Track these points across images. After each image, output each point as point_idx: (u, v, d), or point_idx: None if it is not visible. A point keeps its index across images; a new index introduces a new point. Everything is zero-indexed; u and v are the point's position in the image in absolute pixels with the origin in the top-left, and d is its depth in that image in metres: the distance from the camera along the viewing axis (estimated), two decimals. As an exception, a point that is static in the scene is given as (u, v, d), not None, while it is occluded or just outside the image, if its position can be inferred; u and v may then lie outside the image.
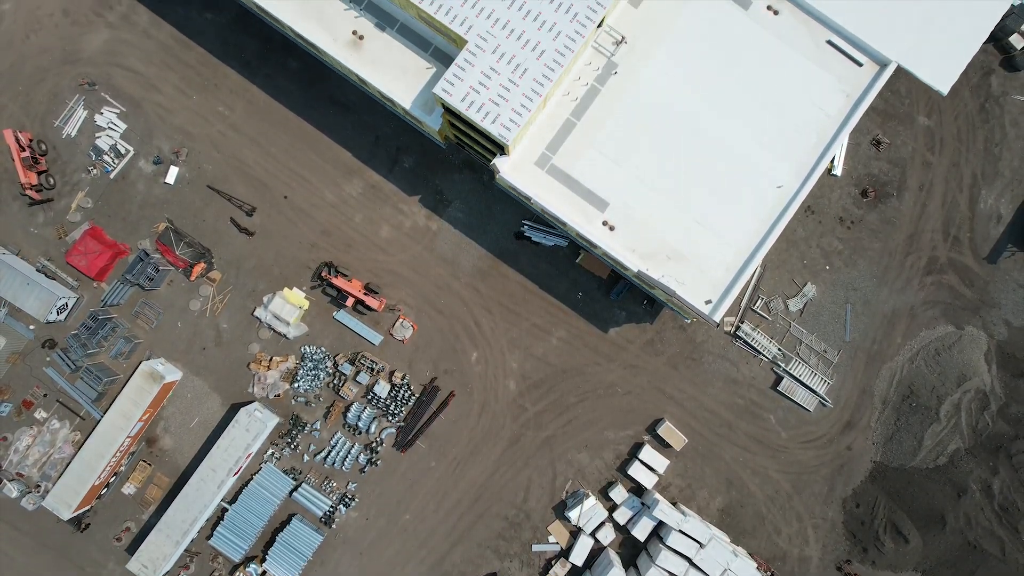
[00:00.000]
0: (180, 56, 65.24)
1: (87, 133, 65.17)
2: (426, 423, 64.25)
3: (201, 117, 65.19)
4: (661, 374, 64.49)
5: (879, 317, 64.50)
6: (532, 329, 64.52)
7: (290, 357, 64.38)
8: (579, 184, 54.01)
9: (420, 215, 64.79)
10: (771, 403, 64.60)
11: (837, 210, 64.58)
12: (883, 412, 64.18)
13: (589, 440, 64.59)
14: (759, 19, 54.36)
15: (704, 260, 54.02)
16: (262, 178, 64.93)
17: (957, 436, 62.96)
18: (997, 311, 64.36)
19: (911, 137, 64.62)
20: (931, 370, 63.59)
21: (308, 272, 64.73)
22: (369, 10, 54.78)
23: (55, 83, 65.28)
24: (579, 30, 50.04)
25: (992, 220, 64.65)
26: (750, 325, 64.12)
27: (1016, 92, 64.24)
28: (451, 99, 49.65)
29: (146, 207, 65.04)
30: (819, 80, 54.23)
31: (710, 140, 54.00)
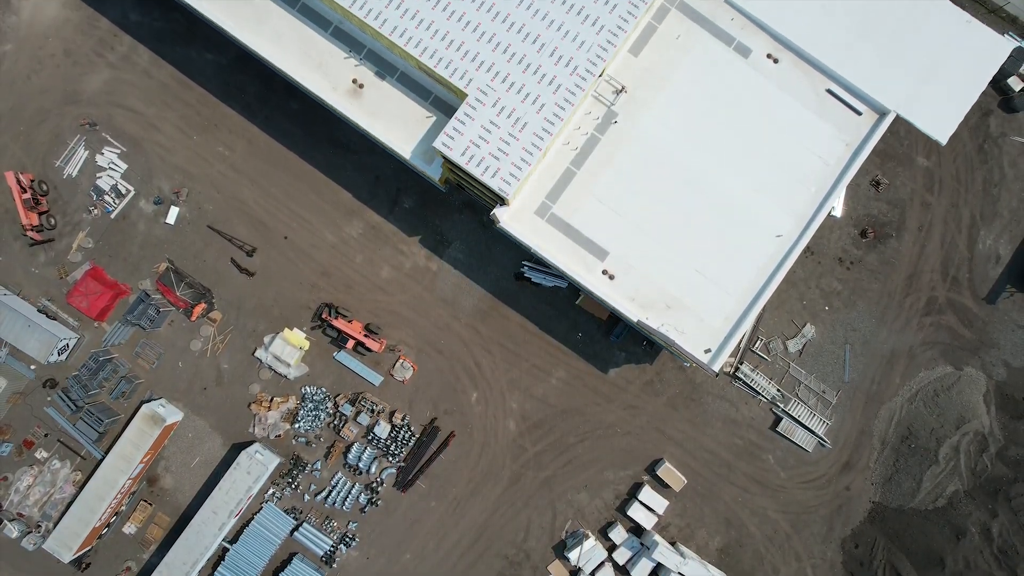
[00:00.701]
0: (181, 96, 65.36)
1: (88, 173, 65.31)
2: (426, 463, 64.40)
3: (201, 157, 65.34)
4: (660, 415, 64.66)
5: (878, 358, 64.66)
6: (532, 370, 64.68)
7: (291, 398, 64.54)
8: (579, 233, 54.16)
9: (420, 256, 64.94)
10: (770, 443, 64.76)
11: (836, 251, 64.72)
12: (882, 453, 64.35)
13: (589, 480, 64.75)
14: (759, 67, 54.49)
15: (703, 309, 54.17)
16: (262, 218, 65.08)
17: (956, 478, 63.13)
18: (996, 352, 64.51)
19: (910, 178, 64.76)
20: (930, 411, 63.75)
21: (308, 312, 64.89)
22: (369, 59, 54.91)
23: (56, 123, 65.39)
24: (579, 83, 50.19)
25: (991, 261, 64.80)
26: (749, 366, 64.28)
27: (1014, 133, 64.37)
28: (451, 153, 49.79)
29: (147, 247, 65.19)
30: (818, 129, 54.37)
31: (710, 189, 54.15)
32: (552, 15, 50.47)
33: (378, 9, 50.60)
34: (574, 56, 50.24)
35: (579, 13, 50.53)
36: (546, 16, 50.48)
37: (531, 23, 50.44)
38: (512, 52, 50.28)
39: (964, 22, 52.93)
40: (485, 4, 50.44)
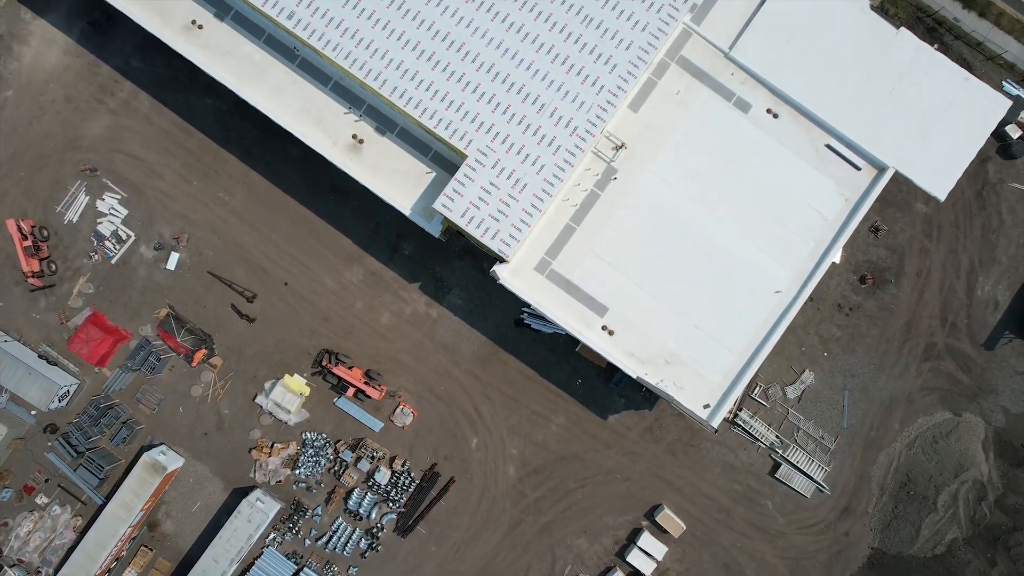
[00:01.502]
0: (181, 142, 65.49)
1: (89, 219, 65.47)
2: (426, 509, 64.57)
3: (202, 203, 65.48)
4: (660, 461, 64.82)
5: (877, 404, 64.81)
6: (532, 416, 64.85)
7: (291, 444, 64.71)
8: (579, 289, 54.34)
9: (420, 302, 65.10)
10: (769, 489, 64.92)
11: (836, 297, 64.87)
12: (880, 499, 64.53)
13: (588, 526, 64.92)
14: (759, 123, 54.65)
15: (703, 364, 54.36)
16: (263, 264, 65.23)
17: (955, 526, 63.30)
18: (995, 398, 64.67)
19: (909, 224, 64.90)
20: (928, 458, 63.92)
21: (309, 358, 65.05)
22: (369, 114, 55.08)
23: (57, 169, 65.54)
24: (579, 144, 50.39)
25: (989, 307, 64.94)
26: (748, 412, 64.43)
27: (1012, 180, 64.49)
28: (451, 214, 50.02)
29: (147, 293, 65.35)
30: (818, 184, 54.56)
31: (709, 244, 54.33)
32: (552, 76, 50.67)
33: (378, 69, 50.80)
34: (574, 117, 50.42)
35: (579, 74, 50.74)
36: (546, 77, 50.68)
37: (531, 84, 50.64)
38: (512, 113, 50.50)
39: (963, 79, 53.10)
40: (484, 65, 50.62)
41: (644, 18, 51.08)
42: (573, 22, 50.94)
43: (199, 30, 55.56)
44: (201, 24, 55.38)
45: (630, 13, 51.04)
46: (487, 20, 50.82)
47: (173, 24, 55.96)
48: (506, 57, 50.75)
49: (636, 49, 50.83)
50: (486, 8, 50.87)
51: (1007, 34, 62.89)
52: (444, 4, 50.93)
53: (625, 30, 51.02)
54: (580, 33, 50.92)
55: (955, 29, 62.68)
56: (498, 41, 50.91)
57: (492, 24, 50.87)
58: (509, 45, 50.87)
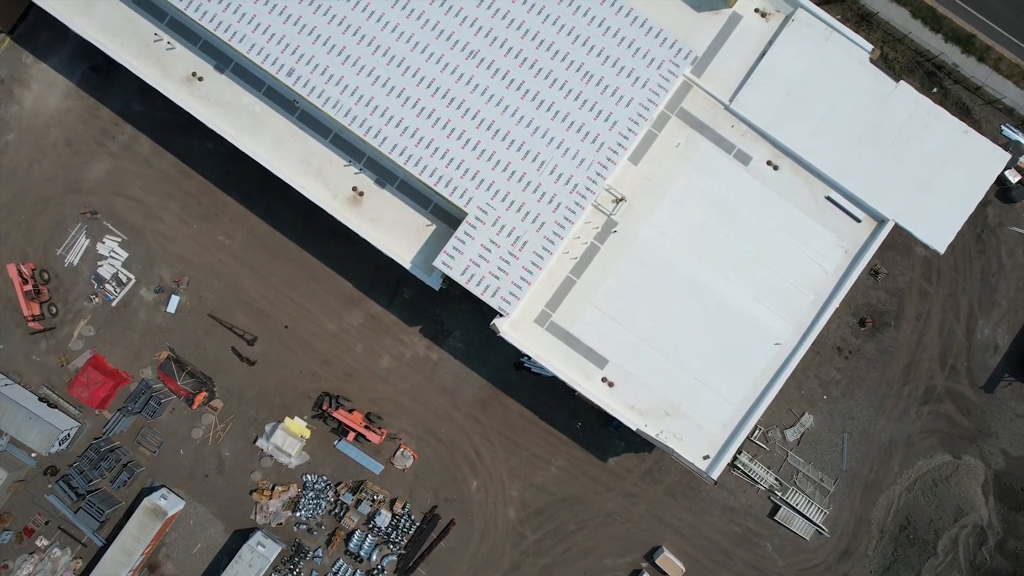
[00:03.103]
0: (181, 185, 65.54)
1: (89, 261, 65.55)
2: (427, 551, 64.78)
3: (202, 246, 65.55)
4: (659, 502, 64.99)
5: (876, 446, 64.95)
6: (532, 458, 65.00)
7: (292, 486, 64.86)
8: (579, 342, 54.46)
9: (420, 345, 65.21)
10: (768, 531, 65.08)
11: (835, 340, 64.94)
12: (880, 542, 64.70)
13: (588, 568, 65.08)
14: (759, 175, 54.70)
15: (702, 416, 54.50)
16: (263, 307, 65.33)
17: (955, 571, 63.47)
18: (995, 440, 64.81)
19: (909, 267, 64.96)
20: (928, 502, 64.07)
21: (309, 401, 65.19)
22: (369, 167, 55.11)
23: (58, 212, 65.61)
24: (579, 201, 50.48)
25: (989, 350, 65.04)
26: (747, 455, 64.57)
27: (1012, 224, 64.52)
28: (452, 272, 50.15)
29: (148, 335, 65.46)
30: (818, 236, 54.63)
31: (709, 296, 54.42)
32: (552, 133, 50.74)
33: (378, 127, 50.87)
34: (574, 174, 50.48)
35: (579, 131, 50.80)
36: (546, 134, 50.74)
37: (531, 141, 50.70)
38: (512, 170, 50.59)
39: (962, 132, 53.13)
40: (485, 122, 50.69)
41: (645, 74, 51.11)
42: (573, 79, 50.99)
43: (199, 82, 55.59)
44: (202, 76, 55.39)
45: (631, 70, 51.07)
46: (487, 77, 50.86)
47: (174, 75, 55.97)
48: (506, 114, 50.82)
49: (637, 106, 50.88)
50: (486, 65, 50.90)
51: (1006, 78, 62.85)
52: (444, 61, 50.95)
53: (625, 87, 51.06)
54: (580, 90, 50.96)
55: (954, 74, 62.65)
56: (498, 98, 50.97)
57: (492, 81, 50.90)
58: (509, 102, 50.94)
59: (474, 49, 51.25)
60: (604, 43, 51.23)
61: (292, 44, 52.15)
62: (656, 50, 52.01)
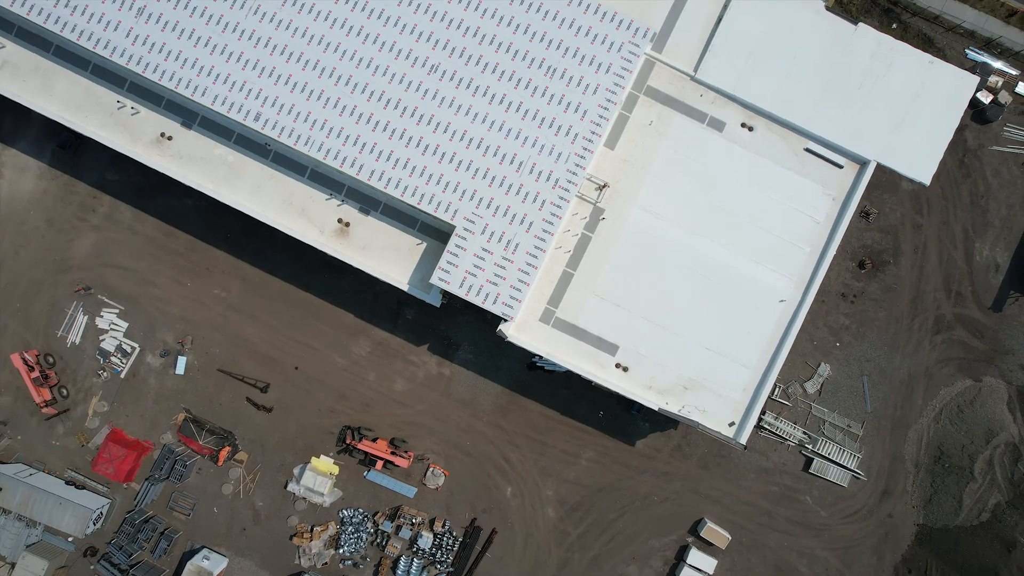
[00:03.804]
0: (168, 246, 65.54)
1: (91, 338, 65.54)
2: (474, 564, 64.91)
3: (199, 303, 65.57)
4: (693, 476, 65.17)
5: (896, 383, 65.19)
6: (561, 455, 65.14)
7: (330, 524, 64.94)
8: (586, 333, 54.59)
9: (431, 363, 65.31)
10: (805, 485, 65.31)
11: (838, 287, 65.15)
12: (917, 476, 64.98)
13: (635, 552, 65.29)
14: (735, 138, 54.87)
15: (721, 385, 54.68)
16: (270, 353, 65.37)
17: (995, 491, 63.80)
18: (1011, 357, 65.10)
19: (898, 203, 65.17)
20: (957, 428, 64.34)
21: (332, 437, 65.25)
22: (351, 196, 55.15)
23: (51, 294, 65.58)
24: (563, 195, 50.56)
25: (990, 270, 65.31)
26: (772, 414, 64.77)
27: (992, 143, 64.77)
28: (449, 286, 50.23)
29: (161, 400, 65.48)
30: (803, 188, 54.81)
31: (707, 266, 54.58)
32: (525, 132, 50.85)
33: (352, 155, 50.94)
34: (554, 169, 50.59)
35: (551, 126, 50.92)
36: (519, 135, 50.86)
37: (506, 144, 50.81)
38: (492, 176, 50.71)
39: (927, 63, 53.34)
40: (457, 133, 50.81)
41: (607, 59, 51.24)
42: (537, 76, 51.10)
43: (169, 141, 55.60)
44: (170, 135, 55.40)
45: (592, 57, 51.20)
46: (452, 89, 50.96)
47: (143, 139, 55.95)
48: (477, 122, 50.92)
49: (604, 91, 51.03)
50: (449, 77, 51.01)
51: (962, 2, 63.08)
52: (407, 80, 51.05)
53: (590, 75, 51.19)
54: (546, 86, 51.09)
55: (911, 6, 62.83)
56: (466, 107, 51.08)
57: (458, 92, 51.01)
58: (478, 109, 51.05)
59: (435, 63, 51.38)
60: (561, 35, 51.37)
61: (255, 88, 52.19)
62: (614, 33, 52.14)
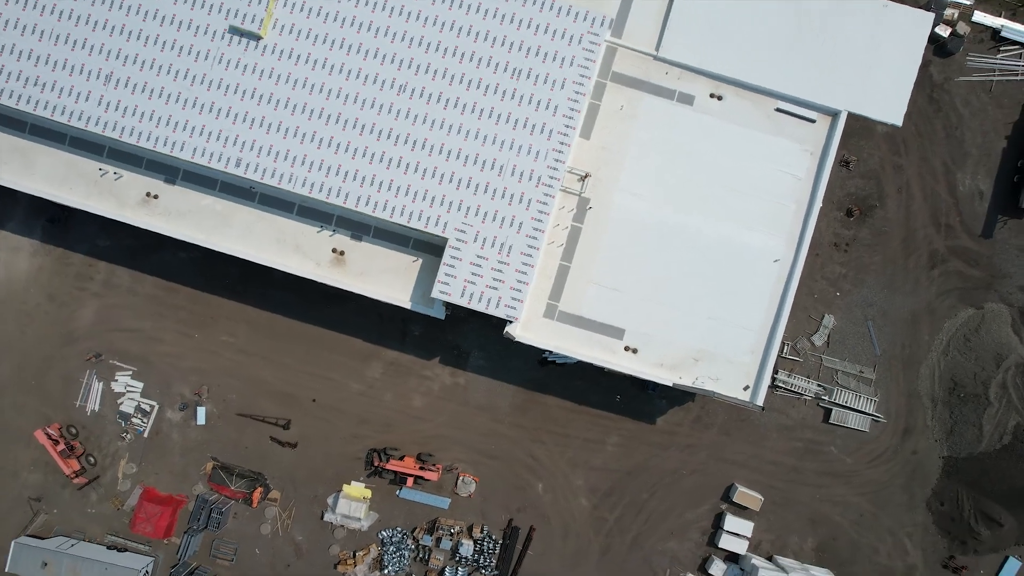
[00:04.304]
0: (170, 302, 66.34)
1: (109, 403, 66.40)
2: (518, 564, 65.86)
3: (209, 352, 66.41)
4: (717, 444, 66.12)
5: (901, 323, 66.14)
6: (585, 444, 66.07)
7: (371, 547, 65.88)
8: (591, 321, 55.51)
9: (445, 375, 66.21)
10: (828, 436, 66.26)
11: (829, 238, 66.06)
12: (935, 410, 65.93)
13: (673, 527, 66.24)
14: (706, 110, 55.75)
15: (729, 351, 55.65)
16: (286, 390, 66.24)
17: (1013, 412, 64.78)
18: (1009, 280, 66.05)
19: (875, 147, 66.06)
20: (967, 358, 65.29)
21: (360, 462, 66.14)
22: (342, 225, 56.00)
23: (63, 366, 66.41)
24: (547, 192, 51.46)
25: (975, 198, 66.24)
26: (784, 372, 65.69)
27: (957, 75, 65.66)
28: (451, 297, 51.16)
29: (188, 453, 66.35)
30: (780, 148, 55.72)
31: (698, 238, 55.51)
32: (500, 136, 51.72)
33: (336, 186, 51.85)
34: (534, 168, 51.48)
35: (525, 126, 51.80)
36: (495, 139, 51.74)
37: (484, 151, 51.69)
38: (475, 184, 51.59)
39: (881, 7, 54.20)
40: (435, 147, 51.77)
41: (569, 53, 52.11)
42: (504, 79, 51.96)
43: (155, 200, 56.45)
44: (156, 194, 56.25)
45: (554, 53, 52.06)
46: (423, 105, 51.85)
47: (129, 202, 56.79)
48: (452, 133, 51.81)
49: (571, 85, 51.89)
50: (419, 94, 51.86)
51: (906, -60, 63.86)
52: (378, 104, 51.90)
53: (555, 70, 52.05)
54: (514, 88, 51.95)
55: (857, -49, 63.62)
56: (440, 121, 51.95)
57: (429, 107, 51.90)
58: (451, 121, 51.93)
59: (402, 83, 52.24)
60: (521, 37, 52.21)
61: (231, 136, 53.02)
62: (572, 26, 52.96)
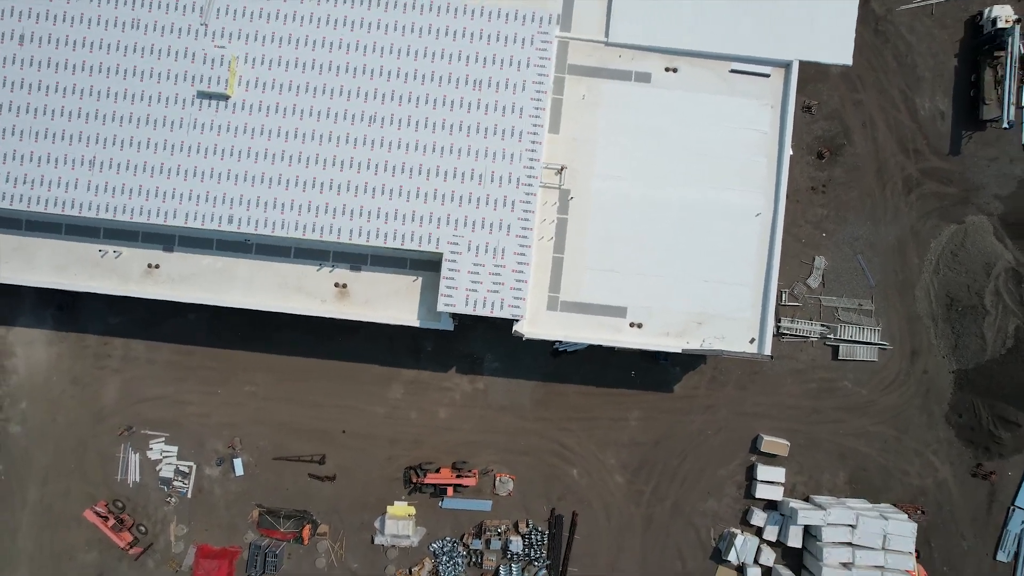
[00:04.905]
0: (188, 364, 68.31)
1: (148, 471, 68.39)
2: (568, 550, 67.95)
3: (235, 404, 68.41)
4: (735, 400, 68.17)
5: (889, 251, 68.18)
6: (610, 423, 68.12)
7: (425, 560, 67.96)
8: (593, 305, 57.55)
9: (464, 383, 68.25)
10: (839, 373, 68.32)
11: (805, 183, 68.08)
12: (937, 327, 68.02)
13: (708, 487, 68.27)
14: (664, 84, 57.75)
15: (729, 309, 57.70)
16: (315, 427, 68.23)
17: (1011, 316, 66.87)
18: (984, 191, 68.13)
19: (833, 88, 68.06)
20: (957, 272, 67.38)
21: (398, 482, 68.16)
22: (339, 259, 57.97)
23: (98, 445, 68.40)
24: (528, 192, 53.55)
25: (937, 119, 68.27)
26: (787, 319, 67.73)
27: (898, 4, 67.65)
28: (456, 308, 53.24)
29: (233, 505, 68.37)
30: (741, 107, 57.71)
31: (679, 208, 57.55)
32: (473, 147, 53.75)
33: (328, 223, 53.91)
34: (511, 171, 53.50)
35: (495, 133, 53.80)
36: (469, 151, 53.75)
37: (460, 163, 53.74)
38: (458, 196, 53.60)
39: (812, -47, 56.22)
40: (414, 169, 53.87)
41: (523, 55, 54.12)
42: (466, 92, 53.95)
43: (157, 270, 58.41)
44: (157, 264, 58.20)
45: (509, 58, 54.06)
46: (396, 132, 53.88)
47: (132, 277, 58.75)
48: (427, 153, 53.85)
49: (531, 85, 53.91)
50: (390, 122, 53.91)
51: None
52: (352, 136, 53.85)
53: (513, 74, 54.05)
54: (477, 98, 53.93)
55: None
56: (413, 143, 53.95)
57: (401, 132, 53.93)
58: (425, 141, 53.93)
59: (372, 114, 54.18)
60: (475, 49, 54.20)
61: (217, 194, 54.97)
62: (521, 30, 54.93)
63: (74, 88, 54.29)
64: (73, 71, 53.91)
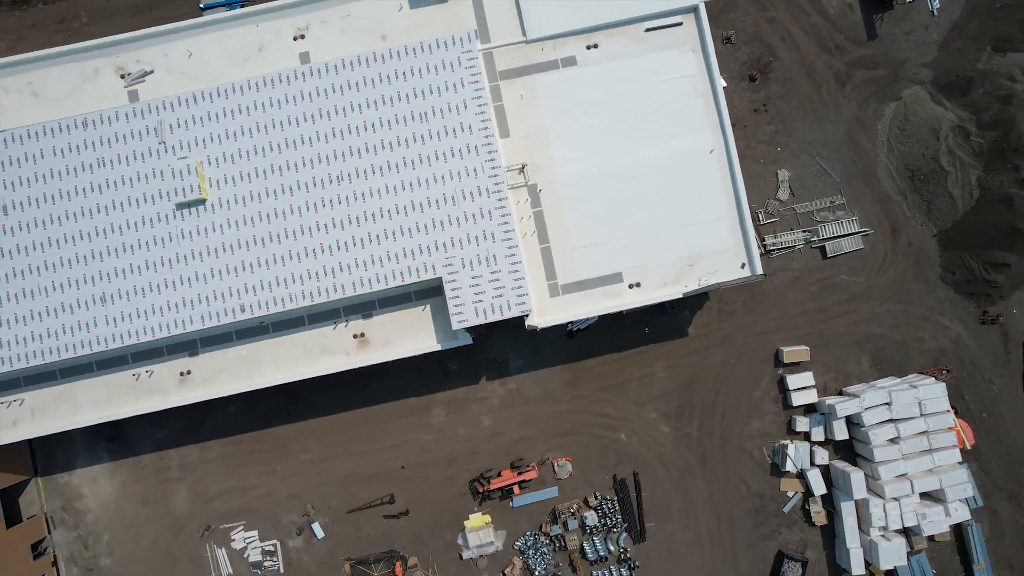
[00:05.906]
0: (241, 452, 71.92)
1: (238, 561, 71.92)
2: (639, 509, 71.61)
3: (296, 475, 71.98)
4: (746, 324, 71.85)
5: (842, 144, 71.90)
6: (639, 381, 71.76)
7: (514, 559, 71.61)
8: (590, 280, 61.21)
9: (497, 387, 71.91)
10: (833, 270, 72.02)
11: (746, 107, 71.77)
12: (907, 199, 71.75)
13: (748, 410, 71.91)
14: (590, 62, 61.37)
15: (713, 244, 61.38)
16: (374, 471, 71.85)
17: (969, 168, 70.59)
18: (910, 64, 71.88)
19: (744, 14, 71.72)
20: (909, 145, 71.09)
21: (466, 497, 71.76)
22: (350, 312, 61.58)
23: (184, 551, 71.88)
24: (499, 197, 57.15)
25: (848, 10, 71.99)
26: (770, 236, 71.43)
27: (777, -82, 71.51)
28: (469, 322, 56.88)
29: (324, 565, 71.86)
30: (665, 60, 61.35)
31: (640, 168, 61.22)
32: (436, 173, 57.50)
33: (330, 284, 57.57)
34: (478, 183, 57.10)
35: (453, 155, 57.48)
36: (433, 178, 57.53)
37: (430, 191, 57.46)
38: (438, 221, 57.29)
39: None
40: (388, 212, 57.82)
41: (455, 77, 57.70)
42: (414, 126, 57.59)
43: (189, 375, 61.91)
44: (188, 370, 61.73)
45: (443, 83, 57.67)
46: (364, 183, 57.58)
47: (168, 390, 62.23)
48: (396, 192, 57.52)
49: (472, 102, 57.46)
50: (355, 176, 57.59)
51: None
52: (327, 199, 57.64)
53: (451, 96, 57.64)
54: (427, 128, 57.56)
55: None
56: (381, 188, 57.68)
57: (369, 181, 57.56)
58: (391, 183, 57.61)
59: (337, 173, 57.80)
60: (411, 85, 57.82)
61: (222, 291, 58.49)
62: (446, 54, 58.52)
63: (64, 237, 57.93)
64: (59, 223, 57.58)
